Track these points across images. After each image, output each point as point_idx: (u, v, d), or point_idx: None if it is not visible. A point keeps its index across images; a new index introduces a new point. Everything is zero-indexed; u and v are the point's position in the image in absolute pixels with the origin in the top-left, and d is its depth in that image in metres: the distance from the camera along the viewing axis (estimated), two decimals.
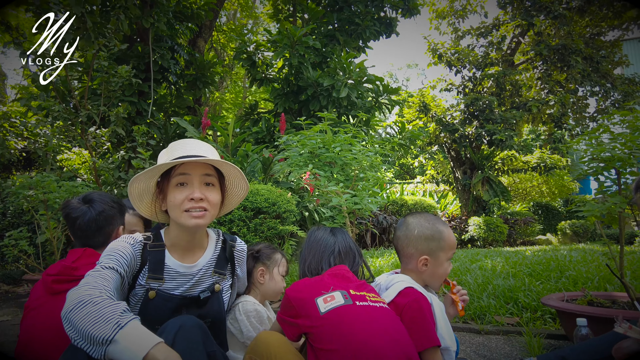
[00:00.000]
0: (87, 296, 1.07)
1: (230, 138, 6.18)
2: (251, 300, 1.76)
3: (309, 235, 1.65)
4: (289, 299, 1.38)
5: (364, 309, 1.30)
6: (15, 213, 4.94)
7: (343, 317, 1.27)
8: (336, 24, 9.86)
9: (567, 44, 11.07)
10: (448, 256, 1.59)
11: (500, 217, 10.80)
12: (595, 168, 2.25)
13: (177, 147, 1.42)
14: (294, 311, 1.35)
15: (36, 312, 1.51)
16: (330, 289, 1.35)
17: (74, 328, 1.03)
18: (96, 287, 1.13)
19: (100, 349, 0.99)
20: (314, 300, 1.32)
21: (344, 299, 1.31)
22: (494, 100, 11.28)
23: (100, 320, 1.01)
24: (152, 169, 1.37)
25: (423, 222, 1.61)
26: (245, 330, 1.66)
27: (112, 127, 4.96)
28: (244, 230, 4.31)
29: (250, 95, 17.51)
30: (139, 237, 1.40)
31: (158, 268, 1.37)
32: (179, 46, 7.96)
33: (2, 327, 3.06)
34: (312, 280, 1.45)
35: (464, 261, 4.83)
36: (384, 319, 1.30)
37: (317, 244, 1.59)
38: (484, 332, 2.72)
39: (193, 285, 1.43)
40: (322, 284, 1.40)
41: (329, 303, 1.30)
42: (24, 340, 1.48)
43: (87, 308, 1.04)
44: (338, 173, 2.83)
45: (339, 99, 7.69)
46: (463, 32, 13.55)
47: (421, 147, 12.92)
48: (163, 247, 1.41)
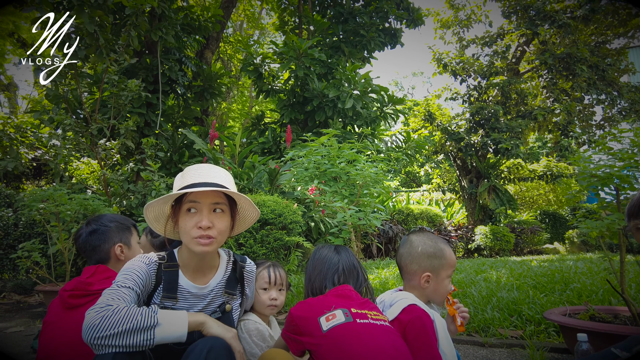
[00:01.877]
0: (109, 307, 1.17)
1: (237, 149, 6.27)
2: (253, 319, 1.80)
3: (314, 254, 1.70)
4: (293, 318, 1.43)
5: (365, 326, 1.35)
6: (27, 224, 5.04)
7: (344, 334, 1.31)
8: (341, 36, 9.99)
9: (573, 53, 11.08)
10: (448, 274, 1.65)
11: (507, 225, 10.77)
12: (595, 184, 2.28)
13: (190, 174, 1.46)
14: (298, 330, 1.40)
15: (53, 326, 1.59)
16: (332, 308, 1.40)
17: (105, 336, 1.11)
18: (113, 300, 1.21)
19: (147, 334, 1.15)
20: (316, 319, 1.37)
21: (344, 316, 1.36)
22: (499, 109, 11.30)
23: (133, 318, 1.15)
24: (164, 198, 1.44)
25: (426, 240, 1.67)
26: (248, 348, 1.72)
27: (121, 139, 5.07)
28: (251, 242, 4.37)
29: (257, 105, 17.67)
30: (154, 257, 1.45)
31: (172, 288, 1.42)
32: (186, 58, 8.10)
33: (15, 338, 3.13)
34: (315, 299, 1.49)
35: (469, 272, 4.85)
36: (385, 336, 1.34)
37: (321, 262, 1.64)
38: (487, 345, 2.74)
39: (205, 306, 1.49)
40: (325, 303, 1.44)
41: (330, 321, 1.35)
42: (43, 355, 1.55)
43: (115, 317, 1.14)
44: (343, 188, 2.89)
45: (344, 109, 7.78)
46: (468, 41, 13.63)
47: (427, 155, 12.95)
48: (177, 267, 1.46)
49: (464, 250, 10.23)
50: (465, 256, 10.00)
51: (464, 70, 12.61)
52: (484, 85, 12.40)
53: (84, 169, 8.85)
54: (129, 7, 4.70)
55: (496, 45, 12.89)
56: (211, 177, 1.45)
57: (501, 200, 11.46)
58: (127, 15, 4.84)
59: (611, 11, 11.84)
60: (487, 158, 12.07)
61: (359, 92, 7.96)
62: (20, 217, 5.06)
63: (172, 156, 7.72)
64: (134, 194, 5.06)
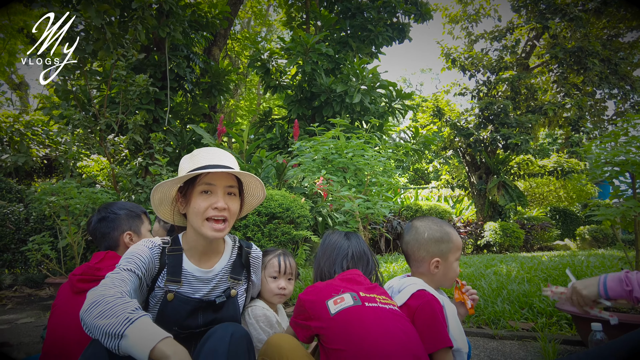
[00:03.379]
0: (101, 296, 1.14)
1: (245, 144, 6.26)
2: (260, 305, 1.79)
3: (324, 239, 1.69)
4: (302, 302, 1.43)
5: (373, 310, 1.33)
6: (37, 218, 5.10)
7: (352, 317, 1.30)
8: (349, 31, 9.94)
9: (584, 46, 10.91)
10: (457, 256, 1.64)
11: (517, 222, 10.65)
12: (610, 172, 2.23)
13: (201, 155, 1.45)
14: (306, 314, 1.39)
15: (61, 310, 1.60)
16: (340, 291, 1.39)
17: (89, 325, 1.10)
18: (112, 287, 1.19)
19: (113, 342, 1.05)
20: (324, 303, 1.36)
21: (353, 300, 1.35)
22: (508, 104, 11.17)
23: (112, 316, 1.07)
24: (178, 178, 1.41)
25: (431, 225, 1.64)
26: (255, 334, 1.71)
27: (130, 134, 5.09)
28: (259, 235, 4.37)
29: (265, 102, 17.69)
30: (157, 241, 1.45)
31: (176, 272, 1.42)
32: (194, 55, 8.12)
33: (26, 329, 3.16)
34: (324, 284, 1.48)
35: (478, 266, 4.79)
36: (393, 320, 1.32)
37: (331, 247, 1.63)
38: (498, 337, 2.71)
39: (210, 290, 1.48)
40: (333, 287, 1.43)
41: (338, 304, 1.34)
42: (50, 338, 1.56)
43: (100, 307, 1.10)
44: (351, 178, 2.86)
45: (352, 104, 7.73)
46: (476, 36, 13.48)
47: (435, 151, 12.86)
48: (181, 251, 1.45)
49: (473, 246, 10.14)
50: (475, 252, 9.91)
51: (473, 66, 12.48)
52: (493, 80, 12.27)
53: (94, 166, 8.94)
54: (136, 1, 4.71)
55: (505, 39, 12.74)
56: (224, 160, 1.45)
57: (511, 197, 11.33)
58: (133, 10, 4.85)
59: (624, 3, 11.62)
60: (496, 154, 11.94)
61: (367, 87, 7.91)
62: (31, 212, 5.12)
63: (181, 153, 7.74)
64: (142, 188, 5.08)
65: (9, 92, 18.28)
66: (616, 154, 2.03)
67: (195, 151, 1.49)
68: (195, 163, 1.43)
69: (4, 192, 5.89)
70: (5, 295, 4.56)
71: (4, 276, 5.02)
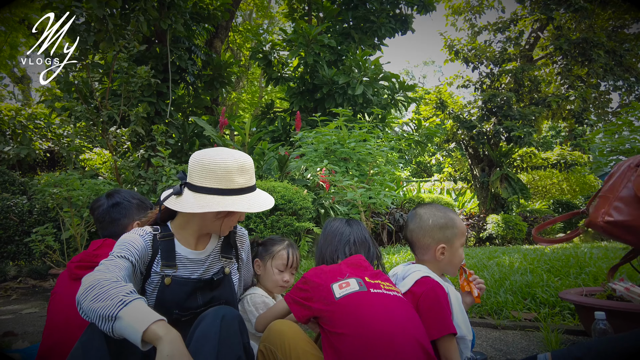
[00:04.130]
0: (96, 280, 1.16)
1: (247, 137, 6.26)
2: (259, 293, 1.81)
3: (326, 226, 1.70)
4: (307, 282, 1.42)
5: (378, 296, 1.34)
6: (41, 210, 5.11)
7: (357, 303, 1.30)
8: (351, 22, 9.86)
9: (589, 38, 10.80)
10: (462, 242, 1.64)
11: (519, 215, 10.64)
12: (615, 161, 2.21)
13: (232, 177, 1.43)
14: (308, 294, 1.39)
15: (60, 296, 1.61)
16: (346, 276, 1.40)
17: (84, 308, 1.12)
18: (107, 272, 1.21)
19: (107, 325, 1.06)
20: (329, 286, 1.37)
21: (358, 285, 1.35)
22: (512, 96, 11.10)
23: (107, 299, 1.09)
24: (230, 207, 1.41)
25: (435, 211, 1.64)
26: (255, 320, 1.72)
27: (132, 126, 5.08)
28: (261, 227, 4.37)
29: (267, 95, 17.64)
30: (147, 229, 1.48)
31: (170, 256, 1.45)
32: (196, 47, 8.08)
33: (30, 319, 3.19)
34: (330, 267, 1.49)
35: (481, 258, 4.79)
36: (397, 307, 1.33)
37: (333, 234, 1.64)
38: (500, 327, 2.71)
39: (205, 271, 1.53)
40: (339, 271, 1.44)
41: (344, 289, 1.34)
42: (50, 324, 1.57)
43: (96, 290, 1.12)
44: (353, 169, 2.85)
45: (354, 96, 7.70)
46: (480, 28, 13.35)
47: (438, 144, 12.81)
48: (172, 236, 1.49)
49: (476, 239, 10.14)
50: (477, 245, 9.91)
51: (476, 58, 12.39)
52: (497, 72, 12.18)
53: (97, 159, 8.95)
54: None
55: (509, 31, 12.62)
56: (251, 180, 1.48)
57: (513, 189, 11.31)
58: (135, 1, 4.83)
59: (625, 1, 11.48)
60: (499, 146, 11.90)
61: (369, 79, 7.86)
62: (34, 204, 5.13)
63: (183, 145, 7.74)
64: (144, 180, 5.08)
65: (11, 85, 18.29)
66: (622, 142, 2.01)
67: (232, 165, 1.43)
68: (225, 182, 1.42)
69: (7, 185, 5.91)
70: (10, 287, 4.59)
71: (8, 268, 5.05)
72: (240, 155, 1.46)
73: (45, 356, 1.54)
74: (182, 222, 1.52)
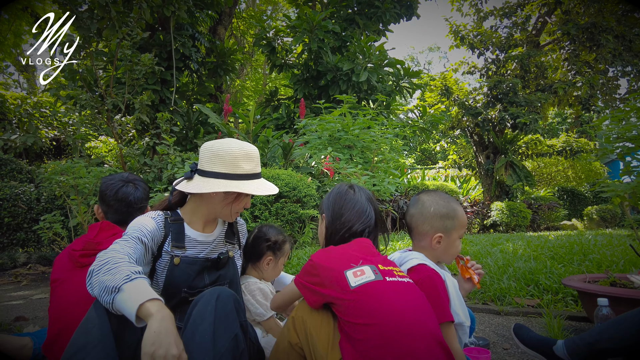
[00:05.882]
0: (111, 257, 1.24)
1: (251, 125, 6.25)
2: (253, 280, 1.87)
3: (343, 192, 1.61)
4: (316, 267, 1.36)
5: (393, 285, 1.31)
6: (48, 198, 5.17)
7: (374, 292, 1.27)
8: (355, 8, 9.72)
9: (598, 22, 10.61)
10: (460, 234, 1.61)
11: (524, 202, 10.61)
12: (622, 148, 2.20)
13: (242, 162, 1.54)
14: (319, 280, 1.34)
15: (65, 284, 1.64)
16: (360, 263, 1.35)
17: (93, 281, 1.19)
18: (120, 251, 1.29)
19: (109, 297, 1.13)
20: (343, 273, 1.31)
21: (374, 274, 1.31)
22: (518, 82, 10.98)
23: (116, 273, 1.16)
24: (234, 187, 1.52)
25: (438, 200, 1.62)
26: (253, 308, 1.78)
27: (136, 114, 5.09)
28: (266, 214, 4.40)
29: (270, 82, 17.55)
30: (159, 212, 1.58)
31: (180, 238, 1.55)
32: (199, 34, 8.03)
33: (40, 304, 3.25)
34: (339, 251, 1.43)
35: (484, 245, 4.81)
36: (411, 295, 1.31)
37: (353, 204, 1.56)
38: (503, 313, 2.73)
39: (211, 251, 1.63)
40: (350, 255, 1.38)
41: (359, 277, 1.30)
42: (56, 312, 1.59)
43: (108, 265, 1.20)
44: (357, 156, 2.86)
45: (358, 83, 7.64)
46: (486, 13, 13.14)
47: (443, 131, 12.74)
48: (182, 220, 1.59)
49: (480, 226, 10.15)
50: (481, 232, 9.92)
51: (482, 43, 12.24)
52: (503, 58, 12.04)
53: (102, 147, 8.99)
54: None
55: (516, 16, 12.42)
56: (256, 168, 1.58)
57: (518, 176, 11.26)
58: None
59: None
60: (504, 133, 11.82)
61: (374, 65, 7.79)
62: (42, 192, 5.19)
63: (187, 133, 7.75)
64: (150, 168, 5.11)
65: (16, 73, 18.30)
66: (629, 128, 1.99)
67: (233, 152, 1.54)
68: (234, 167, 1.53)
69: (15, 173, 5.97)
70: (20, 273, 4.67)
71: (18, 254, 5.13)
72: (246, 144, 1.58)
73: (53, 341, 1.58)
74: (192, 207, 1.62)
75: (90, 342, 1.13)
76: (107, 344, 1.14)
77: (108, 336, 1.15)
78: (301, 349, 1.35)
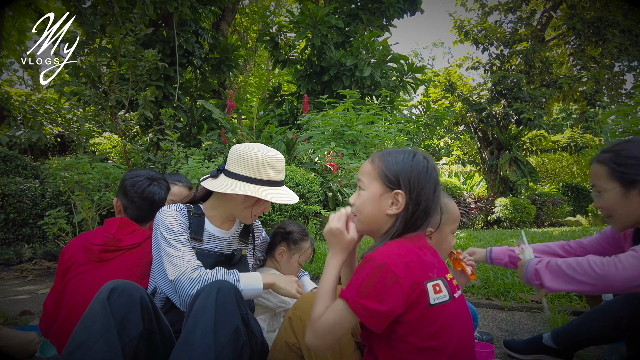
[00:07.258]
0: (198, 275, 1.43)
1: (254, 120, 6.25)
2: (273, 272, 1.88)
3: (416, 162, 1.12)
4: (394, 279, 0.99)
5: (459, 303, 1.12)
6: (53, 194, 5.19)
7: (448, 313, 1.06)
8: (359, 3, 9.69)
9: (603, 17, 10.50)
10: (452, 229, 1.54)
11: (528, 198, 10.57)
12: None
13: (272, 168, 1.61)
14: (399, 301, 0.99)
15: (82, 277, 1.63)
16: (435, 273, 1.07)
17: None
18: (193, 260, 1.49)
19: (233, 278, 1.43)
20: (424, 285, 1.02)
21: (447, 292, 1.07)
22: (522, 78, 10.92)
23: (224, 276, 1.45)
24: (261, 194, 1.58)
25: None
26: (274, 299, 1.81)
27: (140, 110, 5.10)
28: (269, 210, 4.41)
29: (274, 78, 17.53)
30: (182, 205, 1.66)
31: (199, 231, 1.63)
32: (202, 30, 8.03)
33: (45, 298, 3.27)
34: (411, 250, 1.07)
35: (488, 241, 4.80)
36: (466, 313, 1.16)
37: (430, 179, 1.12)
38: (507, 309, 2.73)
39: (226, 247, 1.70)
40: (424, 261, 1.07)
41: (438, 295, 1.04)
42: (69, 306, 1.59)
43: (207, 277, 1.43)
44: (361, 151, 2.85)
45: (362, 78, 7.62)
46: (490, 7, 13.04)
47: (447, 127, 12.70)
48: (203, 215, 1.67)
49: (484, 222, 10.12)
50: (485, 228, 9.90)
51: (486, 39, 12.16)
52: (507, 53, 11.96)
53: (106, 143, 9.01)
54: None
55: (520, 11, 12.32)
56: (280, 175, 1.65)
57: (522, 172, 11.21)
58: None
59: None
60: (508, 129, 11.76)
61: (377, 61, 7.76)
62: (46, 188, 5.21)
63: (191, 129, 7.76)
64: (154, 163, 5.12)
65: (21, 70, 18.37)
66: (634, 123, 1.98)
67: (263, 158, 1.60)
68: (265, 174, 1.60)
69: (20, 169, 6.00)
70: (26, 268, 4.70)
71: (23, 250, 5.16)
72: (274, 152, 1.64)
73: (62, 334, 1.58)
74: (214, 203, 1.69)
75: (92, 337, 1.14)
76: (108, 338, 1.16)
77: (110, 331, 1.17)
78: (299, 349, 1.34)
